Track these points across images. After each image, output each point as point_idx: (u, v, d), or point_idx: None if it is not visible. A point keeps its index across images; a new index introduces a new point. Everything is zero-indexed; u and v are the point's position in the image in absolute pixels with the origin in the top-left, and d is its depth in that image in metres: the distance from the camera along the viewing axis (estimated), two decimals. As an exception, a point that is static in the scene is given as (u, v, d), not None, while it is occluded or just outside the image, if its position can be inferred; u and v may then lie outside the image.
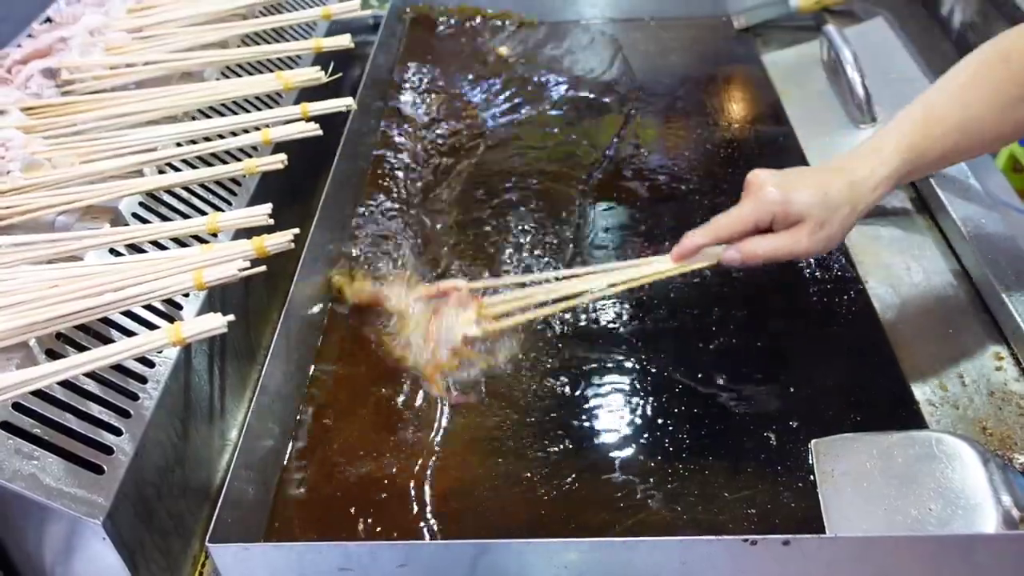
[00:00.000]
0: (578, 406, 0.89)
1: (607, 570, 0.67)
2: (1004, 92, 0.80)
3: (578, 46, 1.58)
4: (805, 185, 0.80)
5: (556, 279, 0.90)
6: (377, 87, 1.38)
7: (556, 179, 1.24)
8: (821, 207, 0.79)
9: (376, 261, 1.07)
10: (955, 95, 0.82)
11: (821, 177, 0.82)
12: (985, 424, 0.87)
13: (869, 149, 0.83)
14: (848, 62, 1.27)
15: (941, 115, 0.82)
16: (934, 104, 0.83)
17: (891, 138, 0.82)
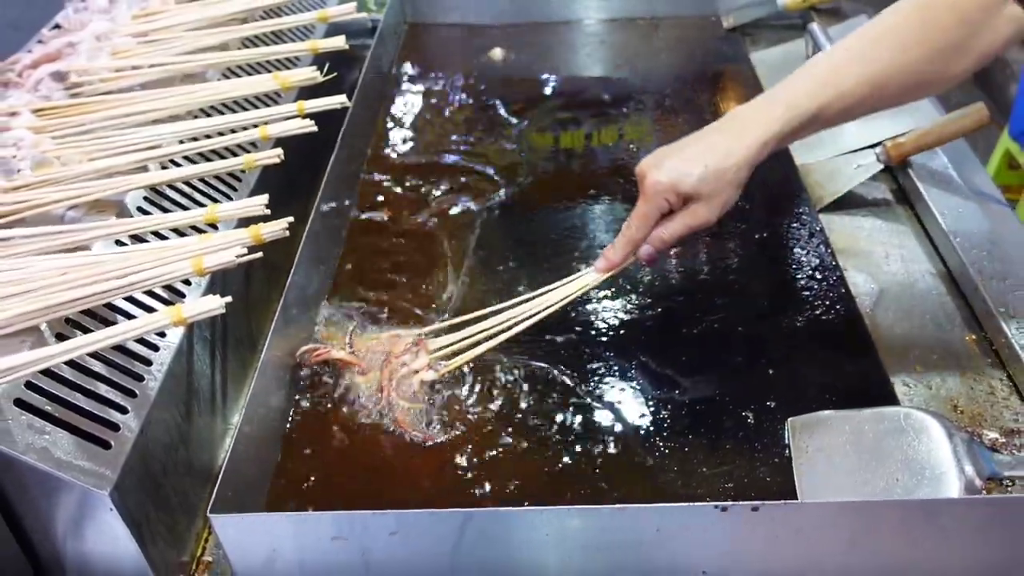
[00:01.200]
0: (564, 389, 0.93)
1: (588, 536, 0.71)
2: (917, 46, 0.82)
3: (570, 46, 1.63)
4: (687, 162, 0.83)
5: (496, 312, 0.93)
6: (374, 87, 1.42)
7: (550, 179, 1.28)
8: (708, 180, 0.83)
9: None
10: (864, 50, 0.84)
11: (703, 146, 0.85)
12: (956, 402, 0.91)
13: (763, 103, 0.86)
14: None
15: (847, 69, 0.83)
16: (839, 60, 0.85)
17: (787, 93, 0.85)
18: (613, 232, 1.13)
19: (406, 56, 1.61)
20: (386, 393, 0.90)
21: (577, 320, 1.01)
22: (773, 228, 1.14)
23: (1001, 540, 0.70)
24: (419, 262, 1.11)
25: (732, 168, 0.83)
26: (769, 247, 1.11)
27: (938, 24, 0.83)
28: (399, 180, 1.27)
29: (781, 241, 1.12)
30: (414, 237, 1.16)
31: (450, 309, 1.03)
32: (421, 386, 0.90)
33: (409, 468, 0.85)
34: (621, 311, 1.02)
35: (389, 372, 0.91)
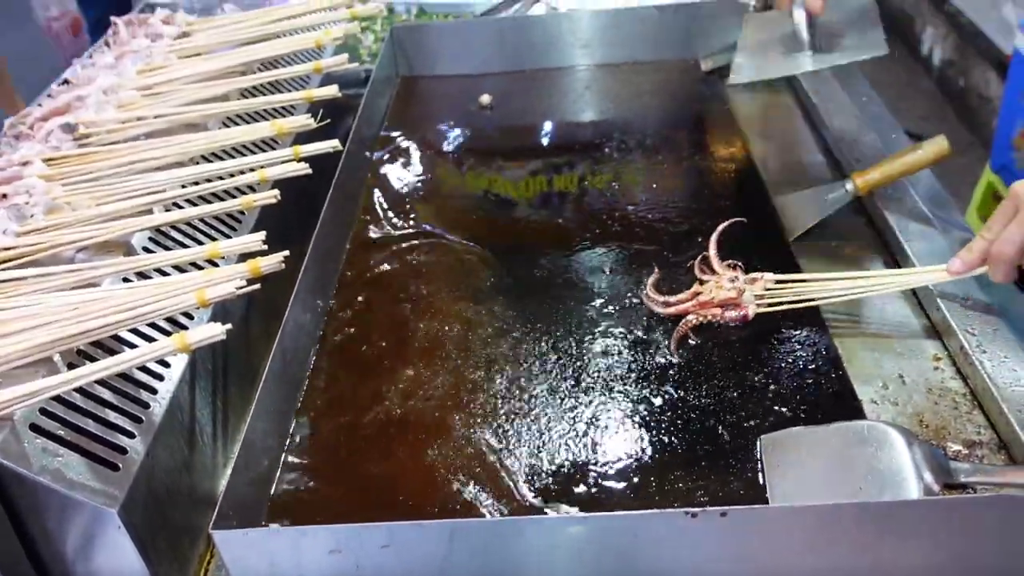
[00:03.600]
0: (545, 404, 0.97)
1: (569, 544, 0.75)
2: None
3: (556, 91, 1.70)
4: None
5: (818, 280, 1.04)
6: (367, 133, 1.49)
7: (542, 222, 1.33)
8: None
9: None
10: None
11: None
12: (922, 417, 0.95)
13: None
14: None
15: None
16: None
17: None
18: (608, 272, 1.20)
19: (399, 106, 1.68)
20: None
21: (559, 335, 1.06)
22: (747, 259, 1.19)
23: (957, 540, 0.74)
24: (412, 304, 1.16)
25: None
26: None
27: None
28: (391, 223, 1.33)
29: (756, 269, 1.17)
30: (407, 279, 1.21)
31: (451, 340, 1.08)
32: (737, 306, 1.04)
33: (404, 485, 0.89)
34: (602, 335, 1.07)
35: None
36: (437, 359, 1.06)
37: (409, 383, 1.03)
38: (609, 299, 1.13)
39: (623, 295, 1.14)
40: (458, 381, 1.02)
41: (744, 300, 1.04)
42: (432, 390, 1.01)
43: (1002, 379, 0.94)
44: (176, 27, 1.43)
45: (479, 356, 1.06)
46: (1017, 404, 0.90)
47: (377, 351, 1.08)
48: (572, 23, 1.76)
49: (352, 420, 0.98)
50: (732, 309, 1.04)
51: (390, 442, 0.95)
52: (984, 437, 0.92)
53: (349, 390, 1.02)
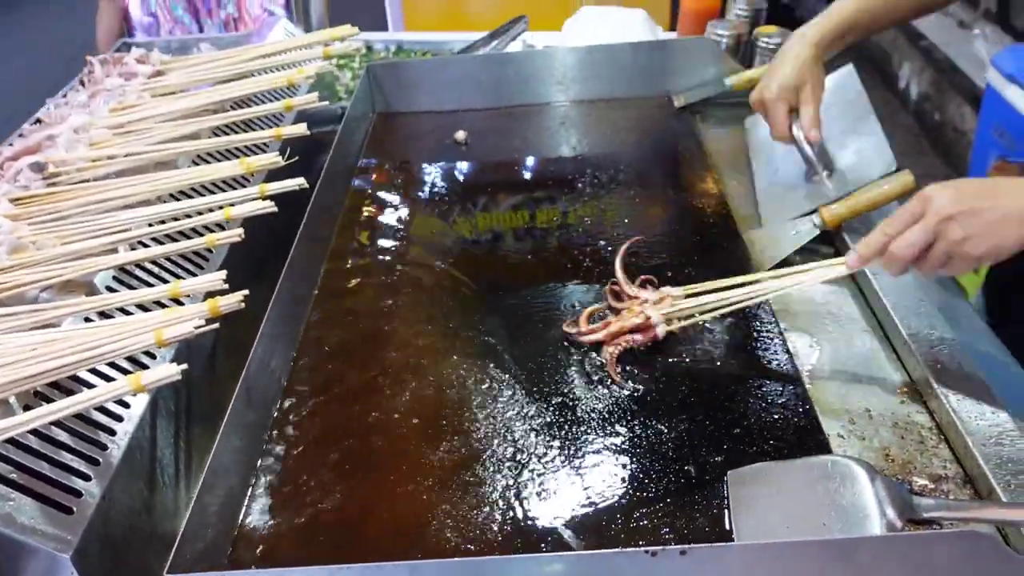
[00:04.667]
0: (513, 441, 0.97)
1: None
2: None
3: (531, 127, 1.71)
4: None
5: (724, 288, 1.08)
6: (340, 170, 1.49)
7: (517, 255, 1.34)
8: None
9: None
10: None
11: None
12: (888, 452, 0.95)
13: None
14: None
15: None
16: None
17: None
18: (579, 306, 1.20)
19: (374, 142, 1.69)
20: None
21: (525, 370, 1.06)
22: (717, 292, 1.20)
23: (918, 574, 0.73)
24: (382, 342, 1.16)
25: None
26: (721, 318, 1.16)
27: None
28: (363, 260, 1.33)
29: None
30: (378, 317, 1.21)
31: (420, 380, 1.08)
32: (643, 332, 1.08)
33: (371, 525, 0.88)
34: (569, 370, 1.07)
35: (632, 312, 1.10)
36: (406, 399, 1.05)
37: (377, 422, 1.02)
38: (578, 335, 1.14)
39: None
40: (427, 420, 1.02)
41: (653, 320, 1.07)
42: (400, 430, 1.01)
43: (967, 413, 0.94)
44: (151, 66, 1.44)
45: (449, 396, 1.05)
46: (981, 438, 0.91)
47: (346, 389, 1.07)
48: (548, 60, 1.78)
49: (319, 459, 0.97)
50: (641, 332, 1.08)
51: (357, 482, 0.94)
52: (950, 471, 0.92)
53: (316, 429, 1.02)
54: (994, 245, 0.89)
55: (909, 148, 4.08)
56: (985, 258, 0.90)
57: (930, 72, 4.21)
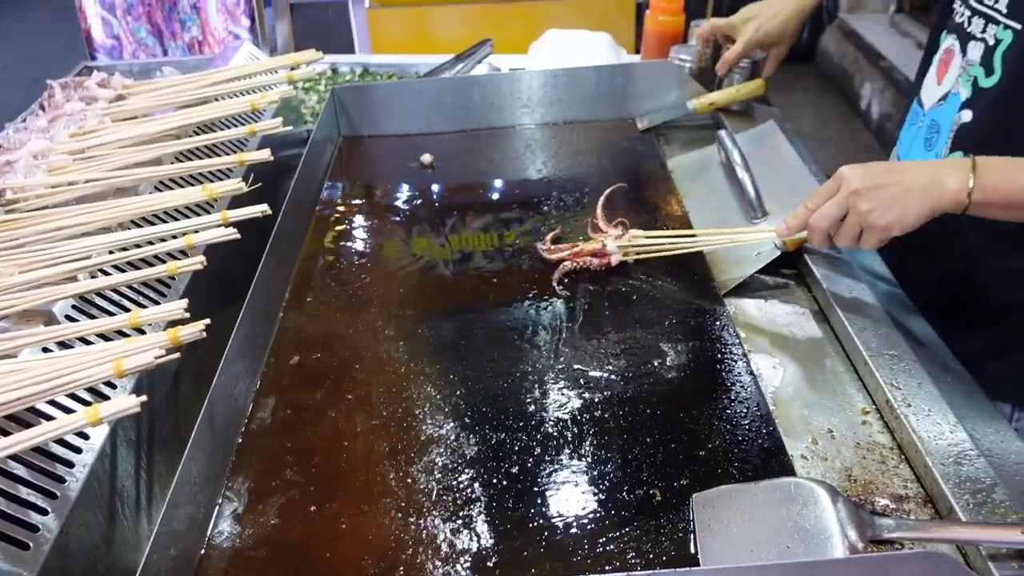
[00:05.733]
0: (473, 463, 0.97)
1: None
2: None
3: (497, 150, 1.72)
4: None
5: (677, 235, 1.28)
6: (305, 194, 1.49)
7: (483, 276, 1.34)
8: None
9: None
10: None
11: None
12: (851, 472, 0.96)
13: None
14: (738, 164, 1.40)
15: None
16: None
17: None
18: (544, 327, 1.20)
19: (339, 165, 1.69)
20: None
21: (491, 395, 1.06)
22: (683, 315, 1.21)
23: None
24: (348, 368, 1.16)
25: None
26: (680, 333, 1.17)
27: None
28: (329, 283, 1.33)
29: (691, 326, 1.19)
30: (344, 341, 1.21)
31: (386, 407, 1.08)
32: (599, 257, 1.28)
33: (336, 559, 0.87)
34: (541, 395, 1.07)
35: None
36: (371, 427, 1.05)
37: (344, 453, 1.01)
38: (539, 355, 1.14)
39: (554, 350, 1.14)
40: (392, 449, 1.01)
41: (608, 249, 1.27)
42: (366, 461, 1.00)
43: (926, 432, 0.96)
44: (112, 90, 1.43)
45: (416, 420, 1.05)
46: (941, 458, 0.92)
47: (312, 415, 1.07)
48: (513, 84, 1.79)
49: (284, 487, 0.96)
50: (597, 257, 1.28)
51: (324, 510, 0.93)
52: (911, 491, 0.94)
53: (282, 456, 1.01)
54: (897, 216, 1.00)
55: (870, 167, 4.16)
56: (891, 228, 1.01)
57: (891, 92, 4.30)
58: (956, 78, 1.17)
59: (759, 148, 1.52)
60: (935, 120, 1.22)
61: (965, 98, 1.15)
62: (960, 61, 1.16)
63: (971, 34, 1.14)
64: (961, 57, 1.16)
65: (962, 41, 1.17)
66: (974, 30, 1.14)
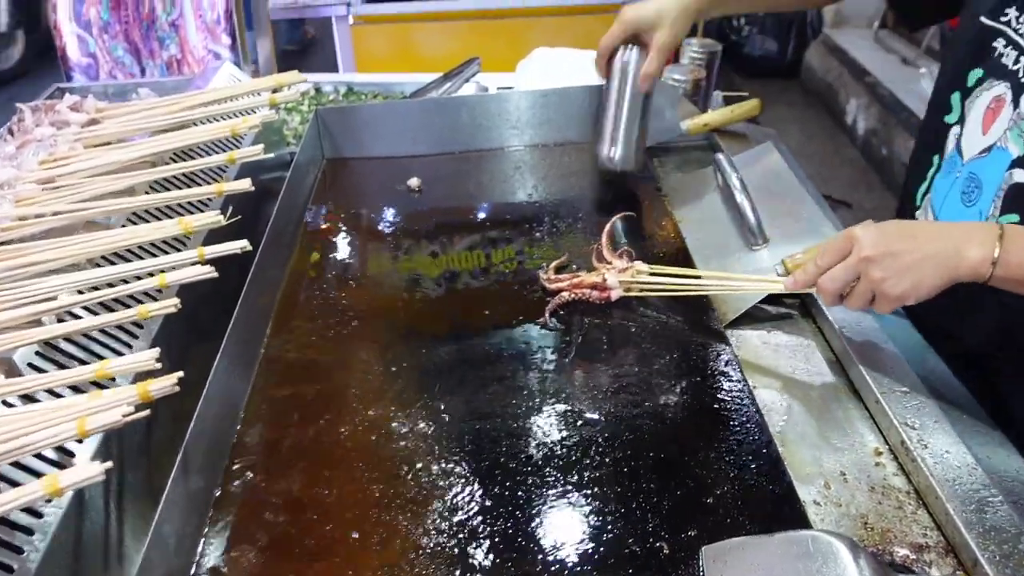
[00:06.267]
0: (462, 508, 0.91)
1: None
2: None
3: (485, 173, 1.67)
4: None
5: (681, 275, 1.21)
6: (288, 220, 1.43)
7: (471, 301, 1.29)
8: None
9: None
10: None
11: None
12: (867, 519, 0.91)
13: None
14: (737, 188, 1.35)
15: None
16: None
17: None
18: (539, 362, 1.15)
19: (323, 189, 1.63)
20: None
21: (483, 436, 1.00)
22: (684, 349, 1.16)
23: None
24: (337, 397, 1.10)
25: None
26: (681, 368, 1.12)
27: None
28: (313, 310, 1.27)
29: (692, 361, 1.14)
30: (329, 374, 1.15)
31: (373, 441, 1.02)
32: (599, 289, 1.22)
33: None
34: (536, 437, 1.01)
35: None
36: (355, 465, 0.99)
37: (329, 499, 0.95)
38: (532, 394, 1.08)
39: (548, 388, 1.09)
40: (379, 488, 0.95)
41: (609, 283, 1.21)
42: (351, 503, 0.94)
43: (945, 476, 0.91)
44: (85, 114, 1.37)
45: (399, 460, 0.99)
46: (962, 504, 0.87)
47: (293, 461, 1.00)
48: (502, 104, 1.74)
49: (268, 548, 0.90)
50: (598, 290, 1.22)
51: (308, 565, 0.87)
52: (931, 540, 0.89)
53: (265, 510, 0.94)
54: (912, 286, 0.94)
55: (858, 182, 4.14)
56: (905, 298, 0.95)
57: (876, 108, 4.29)
58: (1004, 131, 1.06)
59: (756, 170, 1.48)
60: (975, 174, 1.11)
61: (1017, 155, 1.03)
62: (1010, 113, 1.05)
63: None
64: (1012, 109, 1.05)
65: (1015, 90, 1.05)
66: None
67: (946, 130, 1.19)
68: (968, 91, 1.15)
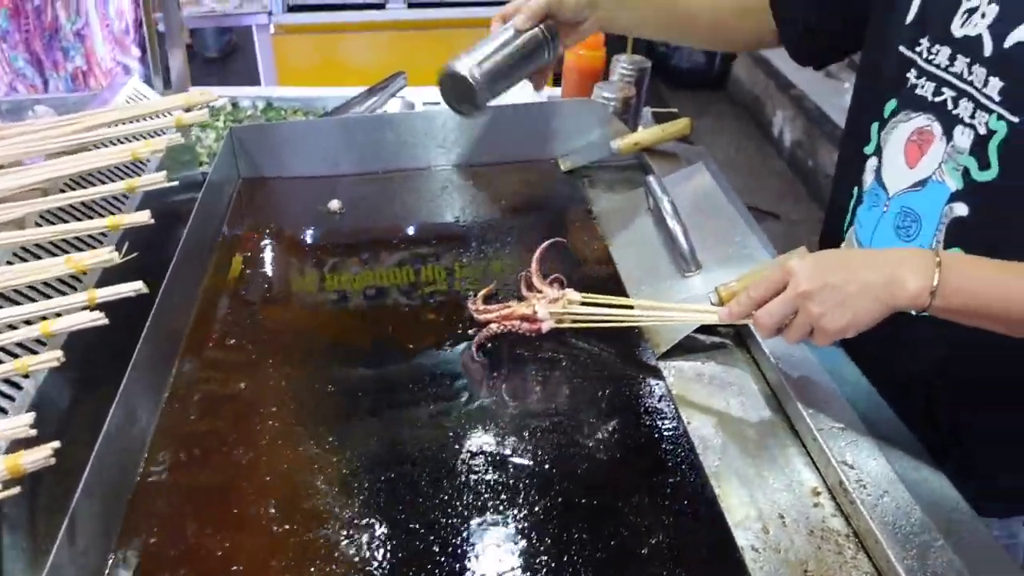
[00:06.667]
0: (387, 565, 0.85)
1: None
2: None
3: (411, 193, 1.61)
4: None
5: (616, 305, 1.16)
6: (198, 248, 1.34)
7: (394, 326, 1.22)
8: None
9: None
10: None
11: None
12: (807, 566, 0.88)
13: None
14: (668, 213, 1.32)
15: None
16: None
17: None
18: (462, 399, 1.09)
19: (238, 212, 1.55)
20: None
21: (412, 479, 0.94)
22: (617, 384, 1.11)
23: None
24: (248, 439, 1.02)
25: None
26: (614, 405, 1.08)
27: None
28: (225, 341, 1.18)
29: (625, 397, 1.09)
30: (242, 408, 1.07)
31: (287, 483, 0.94)
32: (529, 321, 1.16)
33: None
34: (459, 482, 0.95)
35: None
36: (261, 512, 0.91)
37: (233, 551, 0.87)
38: (454, 433, 1.02)
39: (472, 427, 1.03)
40: (289, 539, 0.88)
41: (539, 315, 1.15)
42: (256, 555, 0.87)
43: (884, 519, 0.88)
44: (-29, 136, 1.26)
45: (312, 509, 0.92)
46: (903, 550, 0.84)
47: (199, 491, 0.92)
48: (428, 122, 1.67)
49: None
50: (528, 322, 1.17)
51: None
52: (873, 586, 0.86)
53: (167, 543, 0.86)
54: (850, 320, 0.91)
55: (785, 193, 4.19)
56: (845, 331, 0.92)
57: (802, 120, 4.36)
58: (939, 165, 1.03)
59: (687, 192, 1.45)
60: (910, 208, 1.07)
61: (956, 189, 1.01)
62: (943, 147, 1.02)
63: (958, 118, 0.99)
64: (945, 143, 1.02)
65: (944, 124, 1.02)
66: (962, 114, 0.99)
67: (863, 160, 1.17)
68: (883, 122, 1.13)
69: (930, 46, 1.04)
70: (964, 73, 0.99)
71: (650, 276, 1.32)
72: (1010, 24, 0.94)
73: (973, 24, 0.98)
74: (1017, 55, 0.93)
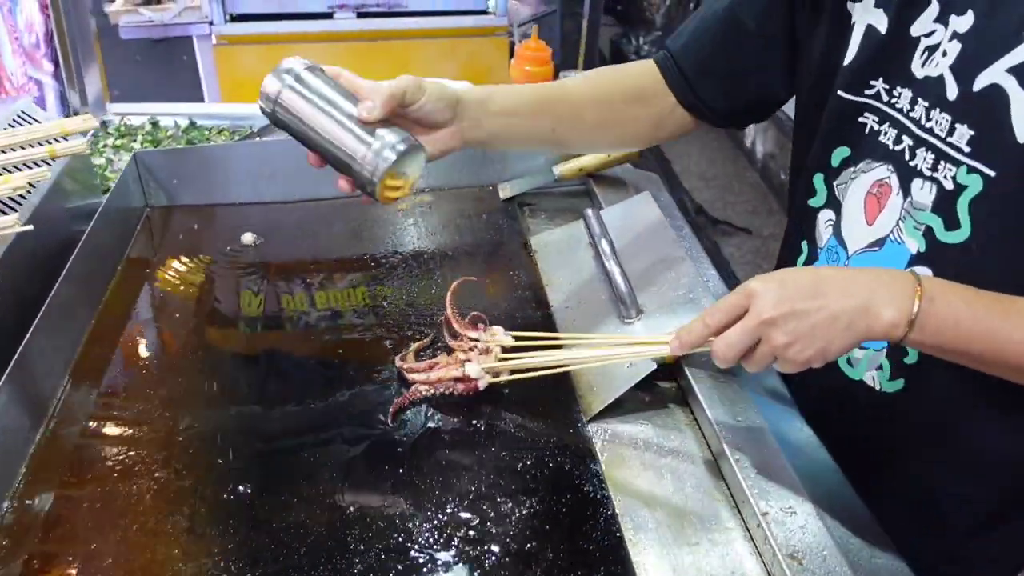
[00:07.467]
0: None
1: None
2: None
3: (332, 223, 1.47)
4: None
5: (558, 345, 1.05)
6: (83, 285, 1.19)
7: (309, 359, 1.08)
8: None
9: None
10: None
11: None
12: None
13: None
14: (607, 255, 1.19)
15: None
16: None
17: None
18: (374, 473, 0.94)
19: (143, 243, 1.40)
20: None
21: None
22: (540, 456, 0.97)
23: None
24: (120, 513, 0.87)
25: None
26: (536, 480, 0.94)
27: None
28: (106, 392, 1.04)
29: (550, 470, 0.96)
30: (123, 470, 0.92)
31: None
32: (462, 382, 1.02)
33: None
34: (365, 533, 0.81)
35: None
36: None
37: None
38: (366, 510, 0.88)
39: (388, 508, 0.89)
40: None
41: (471, 375, 1.02)
42: None
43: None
44: None
45: None
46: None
47: None
48: (355, 145, 1.53)
49: None
50: (462, 382, 1.03)
51: None
52: None
53: None
54: (819, 351, 0.80)
55: (758, 206, 4.08)
56: (811, 362, 0.81)
57: (774, 131, 4.25)
58: (896, 223, 0.92)
59: (631, 227, 1.31)
60: None
61: (917, 251, 0.90)
62: (900, 202, 0.91)
63: (916, 169, 0.88)
64: (902, 198, 0.91)
65: (901, 175, 0.90)
66: (920, 165, 0.87)
67: (812, 214, 1.05)
68: (834, 172, 1.00)
69: (890, 88, 0.90)
70: (922, 119, 0.86)
71: (588, 320, 1.18)
72: (977, 64, 0.80)
73: (934, 63, 0.85)
74: (989, 99, 0.80)
